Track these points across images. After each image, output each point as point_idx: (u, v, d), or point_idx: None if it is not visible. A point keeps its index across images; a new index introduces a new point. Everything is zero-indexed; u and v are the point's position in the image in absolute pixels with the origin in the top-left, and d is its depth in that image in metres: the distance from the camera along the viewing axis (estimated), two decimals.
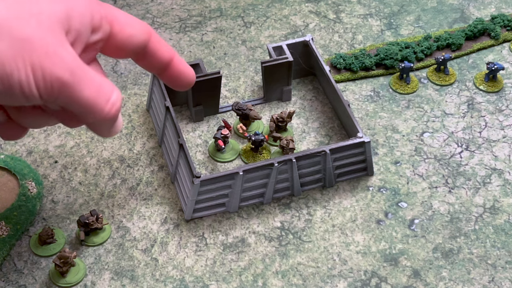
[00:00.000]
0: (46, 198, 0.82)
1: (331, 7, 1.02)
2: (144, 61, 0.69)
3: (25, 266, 0.77)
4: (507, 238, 0.80)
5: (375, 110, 0.91)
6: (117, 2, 1.02)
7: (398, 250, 0.79)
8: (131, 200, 0.82)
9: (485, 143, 0.88)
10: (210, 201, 0.80)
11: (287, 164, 0.80)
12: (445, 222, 0.81)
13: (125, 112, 0.90)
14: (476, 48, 0.97)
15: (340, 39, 0.98)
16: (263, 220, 0.81)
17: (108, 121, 0.65)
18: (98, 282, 0.76)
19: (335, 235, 0.80)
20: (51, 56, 0.61)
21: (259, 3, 1.02)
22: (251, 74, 0.94)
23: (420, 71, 0.95)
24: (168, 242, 0.79)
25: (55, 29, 0.62)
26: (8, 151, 0.86)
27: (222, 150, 0.86)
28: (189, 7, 1.02)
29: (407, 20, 1.00)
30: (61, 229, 0.80)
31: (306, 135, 0.88)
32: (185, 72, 0.70)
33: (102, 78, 0.65)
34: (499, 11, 1.01)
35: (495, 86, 0.93)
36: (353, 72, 0.94)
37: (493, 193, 0.83)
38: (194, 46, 0.97)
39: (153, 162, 0.86)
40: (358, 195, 0.83)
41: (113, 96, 0.65)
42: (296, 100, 0.92)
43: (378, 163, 0.86)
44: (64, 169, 0.85)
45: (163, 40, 0.70)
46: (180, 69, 0.70)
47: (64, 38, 0.63)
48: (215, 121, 0.89)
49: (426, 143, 0.88)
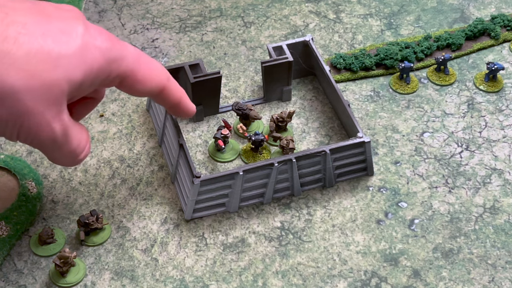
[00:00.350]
0: (46, 198, 0.82)
1: (331, 7, 1.02)
2: (154, 99, 0.73)
3: (25, 266, 0.77)
4: (507, 238, 0.80)
5: (375, 110, 0.91)
6: (117, 2, 1.02)
7: (398, 250, 0.79)
8: (131, 200, 0.82)
9: (485, 143, 0.88)
10: (210, 201, 0.80)
11: (287, 164, 0.80)
12: (445, 222, 0.81)
13: (125, 112, 0.90)
14: (476, 48, 0.97)
15: (340, 39, 0.98)
16: (263, 220, 0.81)
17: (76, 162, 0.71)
18: (98, 282, 0.76)
19: (335, 235, 0.80)
20: (42, 127, 0.64)
21: (259, 3, 1.02)
22: (251, 74, 0.94)
23: (420, 71, 0.95)
24: (168, 242, 0.79)
25: (59, 99, 0.64)
26: (8, 151, 0.86)
27: (222, 150, 0.86)
28: (189, 7, 1.02)
29: (407, 20, 1.00)
30: (61, 229, 0.80)
31: (306, 135, 0.88)
32: (188, 111, 0.76)
33: (80, 134, 0.69)
34: (499, 11, 1.01)
35: (495, 86, 0.93)
36: (353, 72, 0.94)
37: (493, 193, 0.83)
38: (194, 46, 0.97)
39: (153, 162, 0.86)
40: (358, 195, 0.83)
41: (86, 148, 0.70)
42: (296, 100, 0.92)
43: (378, 163, 0.86)
44: (64, 169, 0.85)
45: (176, 85, 0.73)
46: (184, 108, 0.75)
47: (64, 106, 0.65)
48: (215, 121, 0.89)
49: (426, 143, 0.88)
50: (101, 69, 0.66)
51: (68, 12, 0.67)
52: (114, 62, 0.66)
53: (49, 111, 0.63)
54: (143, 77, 0.69)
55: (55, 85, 0.63)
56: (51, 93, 0.63)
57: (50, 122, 0.64)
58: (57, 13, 0.66)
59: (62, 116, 0.65)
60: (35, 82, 0.62)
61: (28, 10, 0.64)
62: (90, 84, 0.66)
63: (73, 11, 0.67)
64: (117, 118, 0.89)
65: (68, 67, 0.63)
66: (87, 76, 0.65)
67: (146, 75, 0.70)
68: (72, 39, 0.64)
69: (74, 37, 0.64)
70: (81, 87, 0.65)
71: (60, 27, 0.64)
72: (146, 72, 0.70)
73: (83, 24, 0.66)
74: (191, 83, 0.85)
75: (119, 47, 0.67)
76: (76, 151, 0.69)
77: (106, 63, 0.66)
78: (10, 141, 0.68)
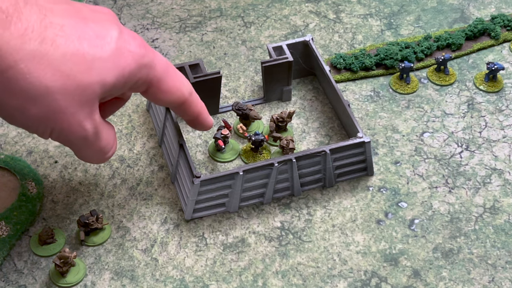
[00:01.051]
0: (46, 198, 0.82)
1: (331, 7, 1.02)
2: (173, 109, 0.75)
3: (25, 266, 0.77)
4: (507, 238, 0.80)
5: (375, 110, 0.91)
6: (117, 2, 1.02)
7: (398, 250, 0.79)
8: (131, 200, 0.82)
9: (485, 143, 0.88)
10: (210, 201, 0.80)
11: (287, 164, 0.80)
12: (445, 222, 0.81)
13: (125, 112, 0.90)
14: (476, 48, 0.97)
15: (340, 39, 0.98)
16: (263, 220, 0.81)
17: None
18: (98, 282, 0.76)
19: (335, 235, 0.80)
20: (75, 126, 0.67)
21: (259, 3, 1.02)
22: (251, 74, 0.94)
23: (420, 71, 0.95)
24: (168, 242, 0.79)
25: (92, 101, 0.68)
26: (8, 151, 0.86)
27: (222, 150, 0.86)
28: (189, 7, 1.02)
29: (407, 20, 1.00)
30: (61, 229, 0.80)
31: (306, 135, 0.88)
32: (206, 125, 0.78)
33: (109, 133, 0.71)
34: (499, 11, 1.01)
35: (495, 86, 0.93)
36: (353, 72, 0.94)
37: (493, 193, 0.83)
38: (194, 46, 0.97)
39: (153, 162, 0.86)
40: (358, 195, 0.83)
41: (114, 145, 0.72)
42: (296, 100, 0.92)
43: (378, 163, 0.86)
44: (64, 169, 0.85)
45: (197, 99, 0.76)
46: (202, 122, 0.77)
47: (96, 106, 0.68)
48: (215, 121, 0.89)
49: (426, 143, 0.88)
50: (132, 73, 0.68)
51: (103, 14, 0.69)
52: (144, 68, 0.69)
53: (81, 112, 0.66)
54: (167, 88, 0.72)
55: (88, 87, 0.65)
56: (85, 94, 0.65)
57: (82, 121, 0.66)
58: (93, 15, 0.68)
59: (94, 116, 0.67)
60: (70, 83, 0.64)
61: (65, 12, 0.66)
62: (121, 87, 0.68)
63: (108, 14, 0.69)
64: (117, 118, 0.89)
65: (101, 70, 0.65)
66: (119, 80, 0.67)
67: (171, 86, 0.72)
68: (107, 43, 0.66)
69: (108, 41, 0.66)
70: (112, 89, 0.67)
71: (95, 30, 0.66)
72: (171, 83, 0.72)
73: (118, 28, 0.68)
74: (191, 83, 0.85)
75: (151, 54, 0.70)
76: (105, 148, 0.71)
77: (137, 68, 0.68)
78: (42, 138, 0.71)
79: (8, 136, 0.87)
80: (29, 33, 0.62)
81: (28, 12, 0.63)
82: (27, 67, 0.62)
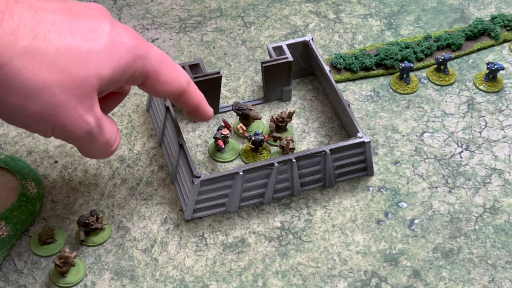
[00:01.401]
0: (46, 198, 0.82)
1: (331, 7, 1.02)
2: (173, 101, 0.75)
3: (25, 266, 0.77)
4: (507, 238, 0.80)
5: (375, 110, 0.91)
6: (117, 2, 1.02)
7: (398, 250, 0.79)
8: (131, 200, 0.82)
9: (485, 143, 0.88)
10: (210, 201, 0.80)
11: (287, 164, 0.80)
12: (445, 222, 0.81)
13: (125, 112, 0.90)
14: (476, 48, 0.97)
15: (340, 39, 0.98)
16: (263, 220, 0.81)
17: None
18: (98, 282, 0.76)
19: (335, 235, 0.80)
20: (76, 120, 0.67)
21: (259, 3, 1.02)
22: (251, 74, 0.94)
23: (420, 71, 0.95)
24: (168, 242, 0.79)
25: (90, 94, 0.68)
26: (8, 151, 0.86)
27: (222, 150, 0.86)
28: (189, 7, 1.02)
29: (407, 20, 1.00)
30: (61, 229, 0.80)
31: (306, 135, 0.88)
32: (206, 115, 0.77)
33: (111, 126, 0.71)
34: (499, 11, 1.01)
35: (495, 86, 0.93)
36: (353, 72, 0.94)
37: (493, 193, 0.83)
38: (194, 46, 0.97)
39: (153, 162, 0.86)
40: (358, 195, 0.83)
41: (117, 139, 0.72)
42: (296, 100, 0.92)
43: (378, 163, 0.86)
44: (64, 169, 0.85)
45: (196, 90, 0.76)
46: (201, 113, 0.77)
47: (95, 100, 0.68)
48: (215, 121, 0.89)
49: (426, 143, 0.88)
50: (128, 65, 0.68)
51: (95, 10, 0.69)
52: (139, 60, 0.69)
53: (82, 106, 0.66)
54: (165, 79, 0.72)
55: (85, 81, 0.65)
56: (82, 88, 0.65)
57: (84, 115, 0.67)
58: (85, 12, 0.68)
59: (94, 109, 0.68)
60: (66, 77, 0.64)
61: (56, 9, 0.66)
62: (118, 80, 0.69)
63: (100, 10, 0.70)
64: (117, 118, 0.89)
65: (97, 63, 0.66)
66: (115, 72, 0.67)
67: (168, 77, 0.72)
68: (100, 36, 0.67)
69: (101, 34, 0.67)
70: (109, 82, 0.68)
71: (87, 25, 0.67)
72: (169, 74, 0.72)
73: (110, 22, 0.68)
74: None
75: (145, 46, 0.70)
76: (110, 142, 0.71)
77: (132, 59, 0.68)
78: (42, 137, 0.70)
79: (8, 136, 0.87)
80: (21, 29, 0.63)
81: (19, 10, 0.63)
82: (22, 63, 0.62)
